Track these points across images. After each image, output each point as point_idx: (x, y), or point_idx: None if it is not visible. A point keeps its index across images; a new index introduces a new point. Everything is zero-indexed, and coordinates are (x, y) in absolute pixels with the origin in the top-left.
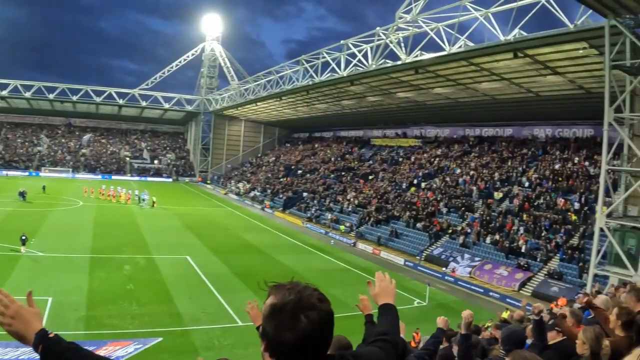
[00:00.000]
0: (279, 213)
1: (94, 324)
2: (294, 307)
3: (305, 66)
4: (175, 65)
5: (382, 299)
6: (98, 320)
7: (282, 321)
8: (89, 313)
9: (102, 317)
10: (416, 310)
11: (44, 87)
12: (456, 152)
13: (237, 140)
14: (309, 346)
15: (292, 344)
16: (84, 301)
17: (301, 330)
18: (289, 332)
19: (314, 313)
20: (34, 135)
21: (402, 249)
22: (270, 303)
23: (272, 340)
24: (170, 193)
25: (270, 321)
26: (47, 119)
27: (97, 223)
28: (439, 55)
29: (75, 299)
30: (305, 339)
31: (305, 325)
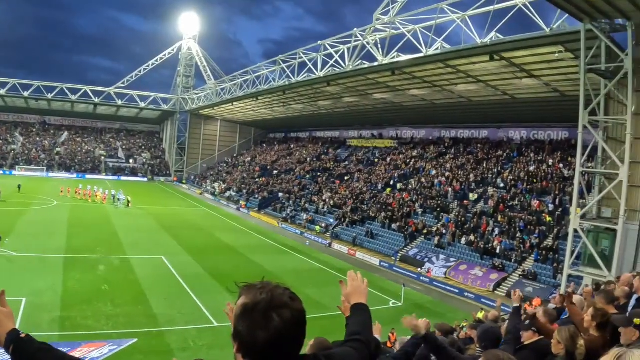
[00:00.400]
0: (255, 213)
1: (69, 325)
2: (266, 306)
3: (282, 66)
4: (151, 64)
5: (354, 298)
6: (72, 321)
7: (255, 320)
8: (64, 314)
9: (76, 317)
10: (392, 311)
11: (18, 84)
12: (432, 153)
13: (213, 140)
14: (282, 345)
15: (265, 343)
16: (58, 302)
17: (274, 329)
18: (261, 331)
19: (286, 311)
20: (8, 134)
21: (378, 249)
22: (241, 303)
23: (244, 341)
24: (146, 193)
25: (243, 321)
26: (22, 116)
27: (71, 223)
28: (415, 57)
29: (49, 300)
30: (279, 338)
31: (278, 324)
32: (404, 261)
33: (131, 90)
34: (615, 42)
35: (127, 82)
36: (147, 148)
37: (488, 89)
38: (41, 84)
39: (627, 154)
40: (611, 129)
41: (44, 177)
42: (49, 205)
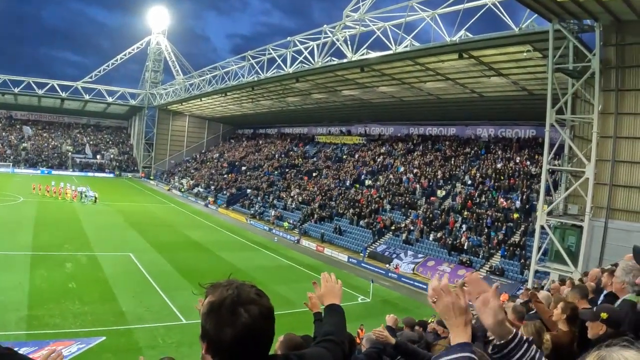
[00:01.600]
0: (223, 210)
1: (36, 324)
2: (232, 303)
3: (251, 62)
4: (119, 58)
5: (328, 299)
6: (40, 319)
7: (222, 318)
8: (31, 312)
9: (44, 316)
10: (360, 307)
11: None
12: (400, 150)
13: (181, 136)
14: (251, 342)
15: (233, 340)
16: (25, 300)
17: (241, 325)
18: (229, 328)
19: (253, 307)
20: None
21: (346, 245)
22: (208, 301)
23: (212, 339)
24: (113, 189)
25: (209, 319)
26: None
27: (38, 220)
28: (385, 55)
29: (16, 298)
30: (247, 334)
31: (245, 320)
32: (372, 257)
33: (99, 85)
34: (583, 43)
35: (94, 77)
36: (114, 143)
37: (456, 87)
38: (7, 77)
39: (594, 152)
40: (578, 128)
41: (9, 173)
42: (15, 202)
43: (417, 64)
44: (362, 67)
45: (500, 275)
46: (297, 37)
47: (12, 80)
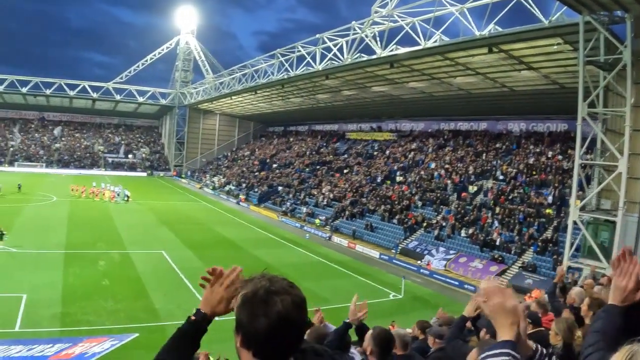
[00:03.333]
0: (254, 207)
1: (69, 321)
2: (266, 292)
3: (281, 60)
4: (149, 58)
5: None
6: (73, 316)
7: (256, 308)
8: (64, 309)
9: (77, 313)
10: (392, 303)
11: (16, 81)
12: (431, 146)
13: (212, 134)
14: (285, 331)
15: (267, 329)
16: (58, 297)
17: (276, 314)
18: (263, 318)
19: (286, 297)
20: (7, 130)
21: (377, 242)
22: (241, 294)
23: (247, 330)
24: (145, 188)
25: (244, 310)
26: (20, 113)
27: (71, 218)
28: (414, 50)
29: (50, 296)
30: (281, 323)
31: (279, 309)
32: (403, 254)
33: (129, 85)
34: (614, 34)
35: (125, 77)
36: (145, 143)
37: (487, 81)
38: (39, 80)
39: (626, 145)
40: (610, 121)
41: (43, 174)
42: (49, 202)
43: (446, 59)
44: (391, 63)
45: (532, 271)
46: (326, 34)
47: (43, 82)
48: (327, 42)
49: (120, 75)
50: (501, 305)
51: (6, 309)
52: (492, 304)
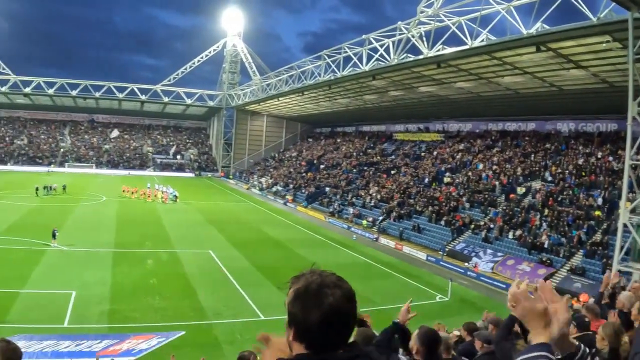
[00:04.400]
0: (302, 208)
1: (117, 318)
2: (318, 286)
3: (327, 61)
4: (197, 61)
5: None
6: (121, 313)
7: (308, 301)
8: (112, 307)
9: (125, 310)
10: (438, 306)
11: (66, 84)
12: (479, 146)
13: (260, 135)
14: (337, 323)
15: (320, 322)
16: (107, 295)
17: (328, 306)
18: (316, 310)
19: (337, 290)
20: (58, 132)
21: (425, 244)
22: (293, 289)
23: (300, 323)
24: (193, 188)
25: (296, 304)
26: (71, 115)
27: (120, 218)
28: (461, 50)
29: (98, 293)
30: (333, 315)
31: (331, 301)
32: (451, 256)
33: (177, 87)
34: None
35: (172, 80)
36: (194, 144)
37: (535, 81)
38: (89, 83)
39: None
40: None
41: (93, 174)
42: (98, 201)
43: (493, 58)
44: (438, 63)
45: (581, 274)
46: (372, 34)
47: (93, 85)
48: (374, 42)
49: (168, 77)
50: (531, 309)
51: (56, 305)
52: (521, 308)
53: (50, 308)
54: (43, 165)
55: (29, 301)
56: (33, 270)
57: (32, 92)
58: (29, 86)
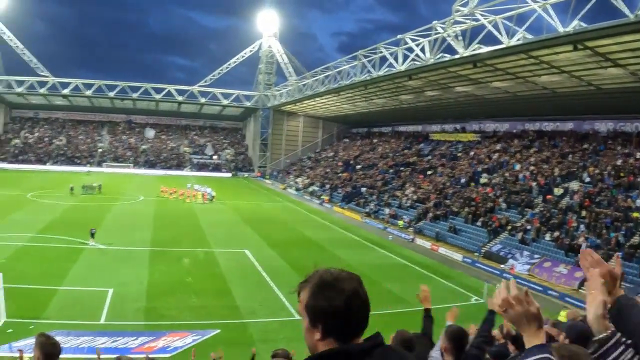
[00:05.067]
0: (338, 208)
1: (153, 315)
2: (332, 276)
3: (363, 61)
4: (233, 62)
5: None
6: (157, 311)
7: (329, 291)
8: (149, 304)
9: (161, 308)
10: (474, 307)
11: (104, 86)
12: (515, 147)
13: (296, 136)
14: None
15: (345, 307)
16: (143, 293)
17: (348, 291)
18: (339, 296)
19: (348, 277)
20: (96, 132)
21: (461, 245)
22: (310, 286)
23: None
24: (229, 188)
25: (319, 297)
26: (108, 116)
27: (157, 217)
28: (497, 49)
29: (135, 291)
30: (355, 299)
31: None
32: (487, 257)
33: (214, 88)
34: None
35: (209, 81)
36: (230, 144)
37: (572, 80)
38: (126, 84)
39: None
40: None
41: (130, 174)
42: (136, 201)
43: (530, 57)
44: (474, 62)
45: None
46: (408, 34)
47: (130, 86)
48: (409, 42)
49: (203, 78)
50: (524, 313)
51: (93, 302)
52: (513, 313)
53: (88, 305)
54: (81, 165)
55: (66, 298)
56: (71, 267)
57: (70, 93)
58: (67, 88)
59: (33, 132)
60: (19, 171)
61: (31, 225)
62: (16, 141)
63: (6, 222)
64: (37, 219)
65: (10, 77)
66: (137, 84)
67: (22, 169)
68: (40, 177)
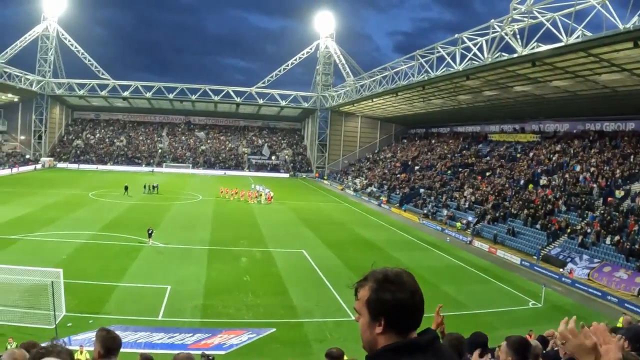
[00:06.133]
0: (396, 209)
1: (210, 313)
2: (394, 272)
3: (420, 61)
4: (290, 63)
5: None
6: (214, 309)
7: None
8: (206, 302)
9: (218, 306)
10: (531, 312)
11: (163, 87)
12: (576, 147)
13: (354, 136)
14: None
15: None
16: (201, 290)
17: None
18: (403, 291)
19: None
20: (155, 133)
21: (519, 247)
22: (373, 281)
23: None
24: (287, 189)
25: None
26: (168, 117)
27: (215, 216)
28: (555, 47)
29: (193, 288)
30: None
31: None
32: (545, 261)
33: (272, 90)
34: None
35: (267, 82)
36: (288, 145)
37: (633, 78)
38: (185, 86)
39: None
40: None
41: (189, 174)
42: (194, 200)
43: (590, 55)
44: (532, 61)
45: None
46: (465, 33)
47: (189, 88)
48: (467, 41)
49: (259, 79)
50: (580, 345)
51: (151, 299)
52: (570, 345)
53: (146, 301)
54: (141, 165)
55: (125, 294)
56: (130, 265)
57: (130, 95)
58: (127, 90)
59: (94, 133)
60: (80, 171)
61: (92, 223)
62: (78, 142)
63: (68, 220)
64: (98, 217)
65: (72, 80)
66: (196, 85)
67: (84, 169)
68: (100, 177)
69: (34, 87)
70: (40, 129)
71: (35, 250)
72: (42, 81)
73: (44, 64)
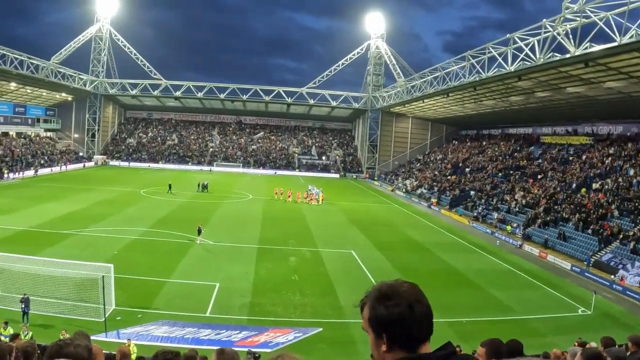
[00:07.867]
0: (446, 211)
1: (258, 311)
2: (388, 286)
3: (472, 62)
4: (341, 63)
5: None
6: (262, 307)
7: (389, 300)
8: (254, 300)
9: (265, 304)
10: (580, 319)
11: (214, 87)
12: (630, 150)
13: (405, 137)
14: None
15: (408, 311)
16: (249, 288)
17: (407, 296)
18: (398, 304)
19: (404, 284)
20: (207, 133)
21: (570, 253)
22: (370, 299)
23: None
24: (337, 189)
25: (380, 307)
26: (219, 117)
27: (265, 216)
28: (608, 47)
29: (241, 286)
30: (416, 304)
31: (407, 291)
32: (596, 267)
33: (322, 90)
34: None
35: (318, 82)
36: (339, 145)
37: None
38: (236, 86)
39: None
40: None
41: (239, 173)
42: (245, 199)
43: None
44: (585, 61)
45: None
46: (517, 33)
47: (240, 88)
48: (518, 41)
49: (310, 79)
50: None
51: (200, 295)
52: None
53: (194, 298)
54: (192, 164)
55: (174, 290)
56: (180, 261)
57: (182, 95)
58: (179, 90)
59: (147, 131)
60: (132, 169)
61: (143, 220)
62: (130, 140)
63: (120, 217)
64: (149, 214)
65: (125, 80)
66: (247, 86)
67: (135, 167)
68: (152, 175)
69: (88, 87)
70: (93, 127)
71: (87, 245)
72: (96, 81)
73: (97, 64)
